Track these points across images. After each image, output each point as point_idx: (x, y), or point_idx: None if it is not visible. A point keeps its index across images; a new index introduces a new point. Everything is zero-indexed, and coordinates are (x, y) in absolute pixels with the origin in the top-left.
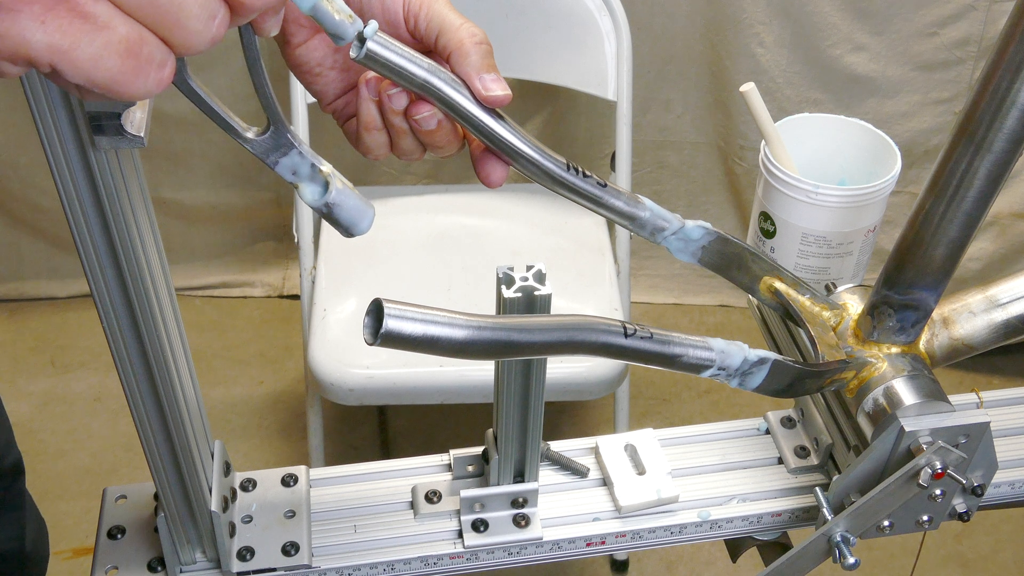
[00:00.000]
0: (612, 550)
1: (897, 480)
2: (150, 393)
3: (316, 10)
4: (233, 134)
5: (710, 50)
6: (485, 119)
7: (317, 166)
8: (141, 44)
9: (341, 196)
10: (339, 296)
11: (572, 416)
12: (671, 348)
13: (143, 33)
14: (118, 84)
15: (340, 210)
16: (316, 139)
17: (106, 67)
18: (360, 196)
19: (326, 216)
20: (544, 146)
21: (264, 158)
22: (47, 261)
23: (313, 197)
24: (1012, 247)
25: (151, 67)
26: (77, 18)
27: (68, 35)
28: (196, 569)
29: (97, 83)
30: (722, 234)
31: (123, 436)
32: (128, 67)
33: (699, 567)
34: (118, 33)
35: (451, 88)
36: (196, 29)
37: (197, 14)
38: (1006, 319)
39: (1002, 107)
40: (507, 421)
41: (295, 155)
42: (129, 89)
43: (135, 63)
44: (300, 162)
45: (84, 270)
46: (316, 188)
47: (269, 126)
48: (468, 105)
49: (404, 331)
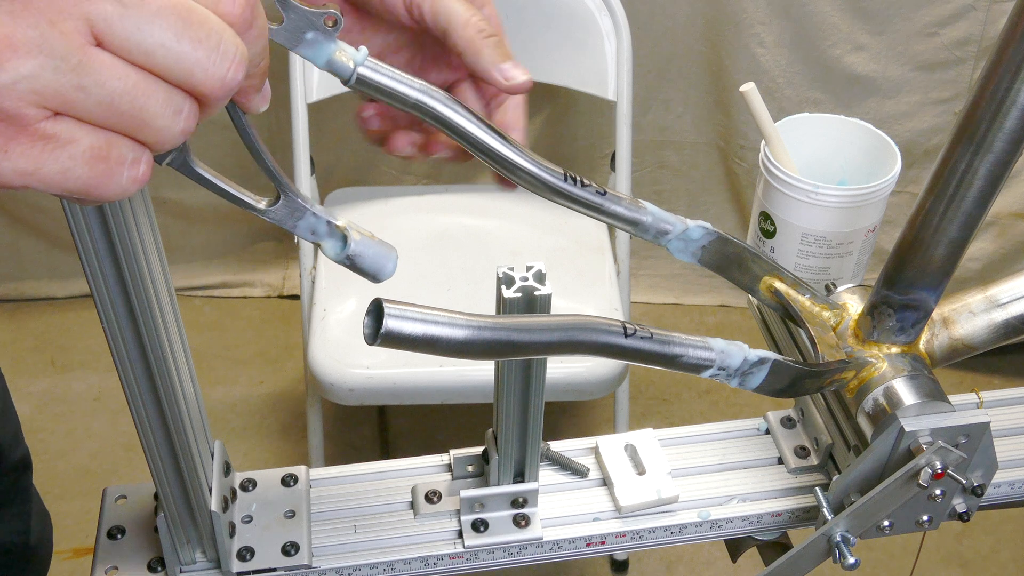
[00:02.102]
0: (612, 550)
1: (897, 480)
2: (150, 393)
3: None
4: (249, 208)
5: (710, 50)
6: (480, 135)
7: (333, 223)
8: (109, 148)
9: (360, 247)
10: (339, 296)
11: (572, 416)
12: (671, 348)
13: (110, 138)
14: (91, 188)
15: (362, 260)
16: (316, 139)
17: (75, 176)
18: (380, 242)
19: (350, 267)
20: (541, 158)
21: (283, 224)
22: (47, 261)
23: (335, 252)
24: (1012, 247)
25: (123, 167)
26: (39, 141)
27: (31, 158)
28: (196, 569)
29: (71, 192)
30: (722, 234)
31: (123, 436)
32: (98, 172)
33: (699, 567)
34: (82, 145)
35: (444, 106)
36: (163, 126)
37: (160, 112)
38: (1006, 319)
39: (1002, 107)
40: (507, 421)
41: (310, 216)
42: (104, 191)
43: (105, 167)
44: (316, 222)
45: (84, 270)
46: (336, 243)
47: (279, 196)
48: (462, 122)
49: (404, 331)
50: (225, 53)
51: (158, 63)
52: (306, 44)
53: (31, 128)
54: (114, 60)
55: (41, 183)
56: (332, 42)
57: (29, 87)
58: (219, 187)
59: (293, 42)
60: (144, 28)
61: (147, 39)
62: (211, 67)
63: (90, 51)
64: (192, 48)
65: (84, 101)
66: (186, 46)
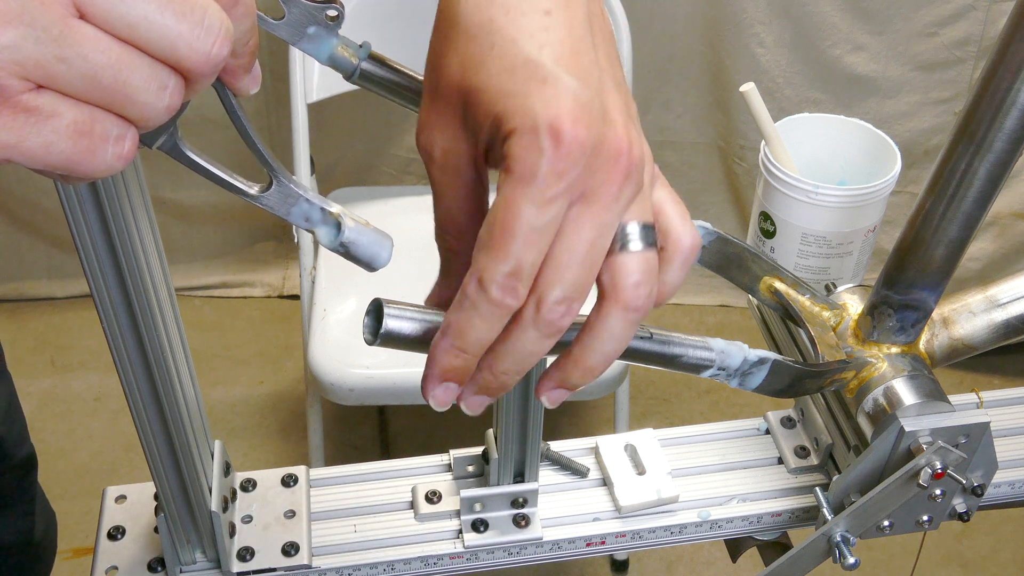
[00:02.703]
0: (612, 550)
1: (897, 480)
2: (150, 393)
3: (334, 59)
4: (241, 194)
5: (710, 50)
6: None
7: (327, 209)
8: (92, 123)
9: (354, 234)
10: (339, 296)
11: (572, 416)
12: (671, 348)
13: (94, 113)
14: (75, 164)
15: (356, 247)
16: (316, 139)
17: (59, 151)
18: (375, 230)
19: (345, 255)
20: None
21: (276, 211)
22: (47, 261)
23: (329, 239)
24: (1012, 247)
25: (107, 144)
26: (20, 113)
27: (13, 131)
28: (196, 569)
29: (54, 167)
30: (722, 234)
31: (123, 436)
32: (82, 147)
33: (699, 567)
34: (66, 119)
35: None
36: (147, 101)
37: (144, 87)
38: (1006, 319)
39: (1002, 107)
40: (507, 421)
41: (303, 203)
42: (88, 167)
43: (89, 142)
44: (309, 208)
45: (84, 270)
46: (330, 230)
47: (271, 182)
48: None
49: (404, 331)
50: (210, 27)
51: (141, 36)
52: (308, 39)
53: (13, 99)
54: (97, 33)
55: (23, 157)
56: (334, 36)
57: (10, 57)
58: (210, 172)
59: (295, 37)
60: (127, 0)
61: (130, 11)
62: (195, 41)
63: (72, 23)
64: (176, 21)
65: (66, 74)
66: (169, 19)
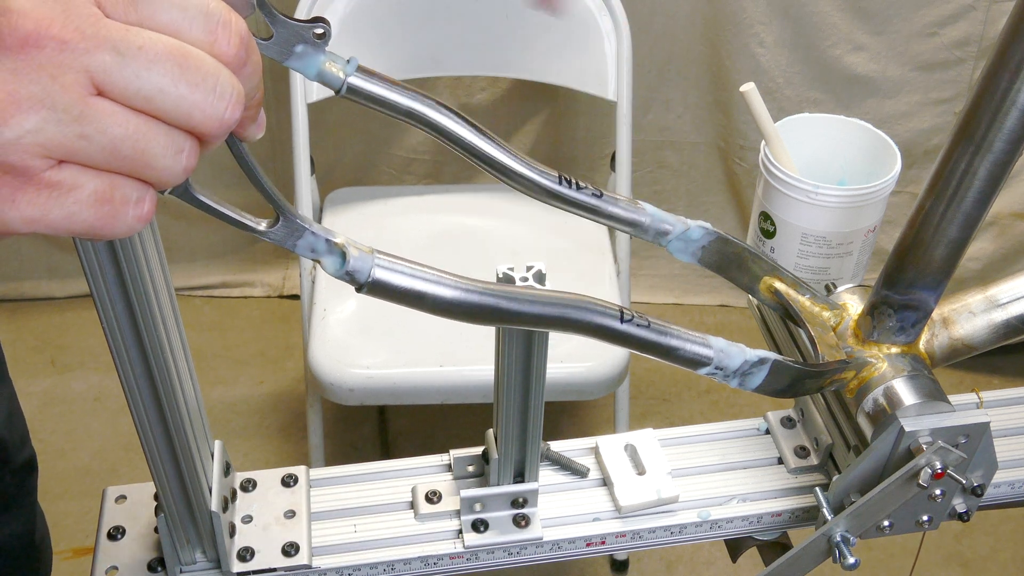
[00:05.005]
0: (612, 550)
1: (897, 480)
2: (150, 393)
3: (322, 75)
4: (249, 231)
5: (710, 50)
6: (473, 140)
7: (332, 240)
8: (113, 191)
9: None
10: (339, 296)
11: (572, 416)
12: (667, 339)
13: (114, 180)
14: (97, 230)
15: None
16: (316, 139)
17: (81, 220)
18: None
19: (351, 283)
20: (534, 161)
21: (283, 244)
22: (47, 261)
23: (334, 268)
24: (1012, 247)
25: (127, 207)
26: (44, 189)
27: (37, 206)
28: (196, 569)
29: (78, 234)
30: (722, 234)
31: (123, 436)
32: (103, 214)
33: (699, 567)
34: (87, 190)
35: (437, 113)
36: (165, 166)
37: (162, 153)
38: (1006, 319)
39: (1002, 107)
40: (507, 421)
41: (309, 236)
42: (109, 231)
43: (110, 208)
44: (315, 240)
45: (84, 270)
46: (335, 260)
47: (278, 217)
48: (455, 127)
49: (392, 282)
50: (222, 94)
51: (158, 107)
52: (296, 57)
53: (36, 178)
54: (115, 107)
55: (48, 228)
56: (321, 53)
57: (33, 140)
58: (220, 212)
59: (283, 55)
60: (143, 75)
61: (146, 85)
62: (209, 108)
63: (91, 101)
64: (190, 91)
65: (87, 148)
66: (184, 89)
